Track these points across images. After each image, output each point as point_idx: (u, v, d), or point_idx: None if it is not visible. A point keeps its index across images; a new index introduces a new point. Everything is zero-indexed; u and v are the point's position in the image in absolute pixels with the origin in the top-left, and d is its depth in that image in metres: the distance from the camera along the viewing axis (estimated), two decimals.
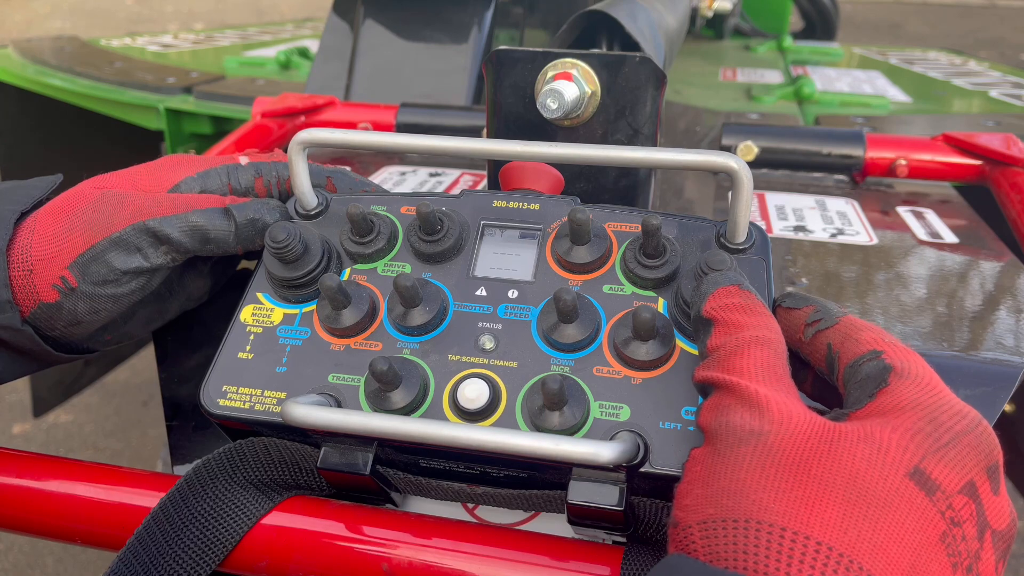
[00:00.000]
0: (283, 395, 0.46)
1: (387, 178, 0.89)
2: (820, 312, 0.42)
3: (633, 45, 0.68)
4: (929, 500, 0.32)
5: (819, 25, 2.54)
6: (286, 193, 0.57)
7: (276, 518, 0.46)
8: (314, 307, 0.49)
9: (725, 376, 0.38)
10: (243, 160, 0.56)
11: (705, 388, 0.40)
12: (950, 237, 0.75)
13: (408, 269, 0.50)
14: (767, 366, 0.38)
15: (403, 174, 0.91)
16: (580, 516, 0.43)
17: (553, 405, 0.42)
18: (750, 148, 0.91)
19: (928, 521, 0.32)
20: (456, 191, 0.67)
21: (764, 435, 0.35)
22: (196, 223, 0.50)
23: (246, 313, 0.50)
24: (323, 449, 0.46)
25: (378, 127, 0.98)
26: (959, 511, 0.33)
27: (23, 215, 0.50)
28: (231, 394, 0.47)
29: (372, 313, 0.48)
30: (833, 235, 0.75)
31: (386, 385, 0.44)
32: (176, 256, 0.51)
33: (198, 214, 0.50)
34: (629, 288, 0.48)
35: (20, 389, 2.14)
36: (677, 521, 0.35)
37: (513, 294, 0.48)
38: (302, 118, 1.00)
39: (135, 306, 0.54)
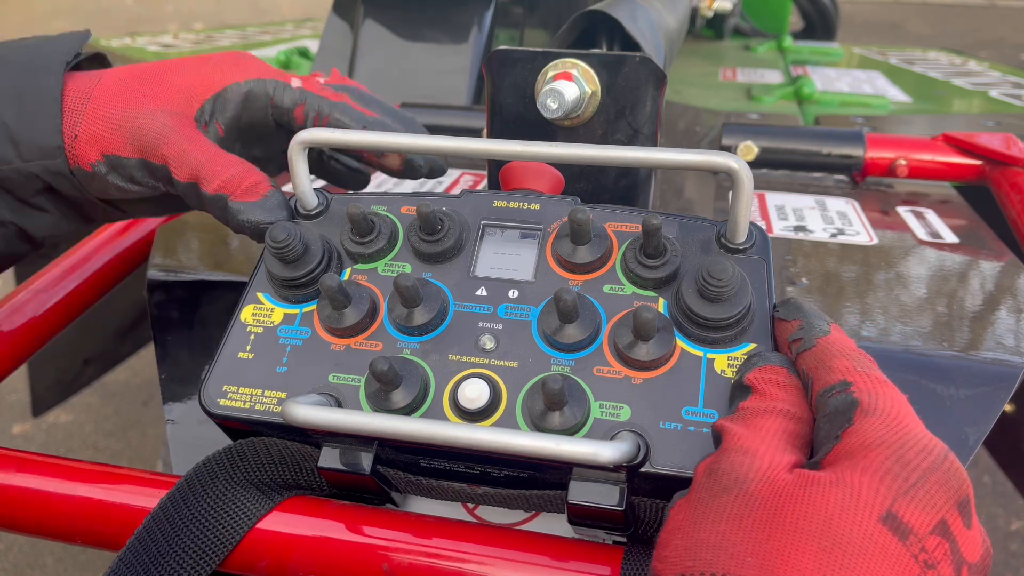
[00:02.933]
0: (283, 395, 0.46)
1: (387, 178, 0.89)
2: (803, 330, 0.42)
3: (633, 45, 0.68)
4: (903, 545, 0.32)
5: (819, 25, 2.54)
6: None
7: (276, 518, 0.46)
8: (314, 307, 0.49)
9: (737, 427, 0.38)
10: (295, 83, 0.57)
11: (718, 439, 0.40)
12: (950, 237, 0.75)
13: (408, 269, 0.50)
14: (784, 434, 0.38)
15: None
16: (580, 516, 0.43)
17: (553, 405, 0.42)
18: (750, 148, 0.91)
19: (902, 567, 0.32)
20: (456, 191, 0.67)
21: (747, 483, 0.35)
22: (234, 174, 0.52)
23: (246, 313, 0.50)
24: (323, 449, 0.46)
25: None
26: (932, 552, 0.32)
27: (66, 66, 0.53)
28: (231, 394, 0.47)
29: (372, 313, 0.48)
30: (833, 235, 0.75)
31: (386, 385, 0.44)
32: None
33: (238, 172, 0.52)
34: (629, 288, 0.48)
35: (20, 389, 2.14)
36: (656, 573, 0.35)
37: (513, 294, 0.48)
38: None
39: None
